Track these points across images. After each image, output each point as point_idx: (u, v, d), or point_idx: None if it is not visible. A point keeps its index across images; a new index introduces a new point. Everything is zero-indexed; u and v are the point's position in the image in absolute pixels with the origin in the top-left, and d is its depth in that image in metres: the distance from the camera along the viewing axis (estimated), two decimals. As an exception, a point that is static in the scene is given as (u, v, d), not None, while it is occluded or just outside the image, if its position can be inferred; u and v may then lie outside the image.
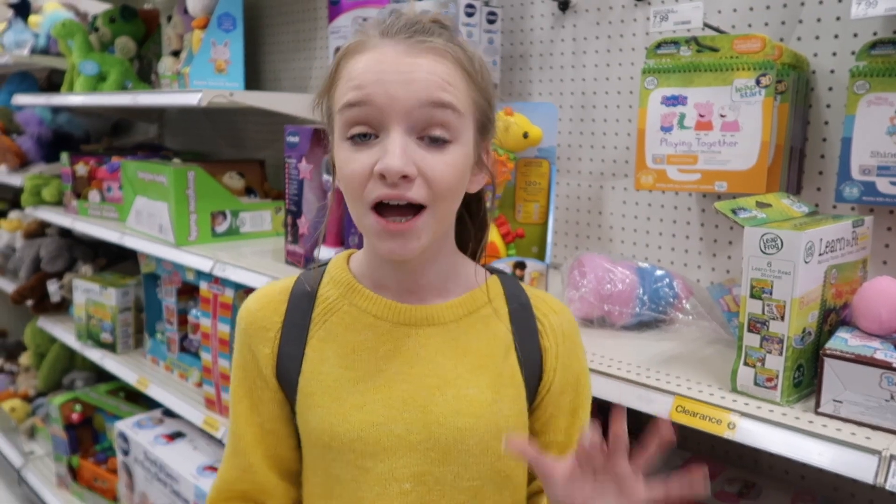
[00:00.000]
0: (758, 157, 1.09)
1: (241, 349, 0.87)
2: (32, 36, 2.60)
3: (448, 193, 0.76)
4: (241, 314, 0.88)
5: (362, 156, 0.74)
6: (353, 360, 0.82)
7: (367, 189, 0.74)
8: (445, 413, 0.79)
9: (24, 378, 3.14)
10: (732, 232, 1.33)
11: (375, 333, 0.82)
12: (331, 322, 0.84)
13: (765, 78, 1.07)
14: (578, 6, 1.51)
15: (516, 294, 0.87)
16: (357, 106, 0.73)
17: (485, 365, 0.82)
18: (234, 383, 0.87)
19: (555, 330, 0.86)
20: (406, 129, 0.73)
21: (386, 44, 0.74)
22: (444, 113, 0.73)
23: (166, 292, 2.05)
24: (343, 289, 0.85)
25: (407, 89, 0.72)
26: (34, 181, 2.56)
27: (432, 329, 0.82)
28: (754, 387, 0.87)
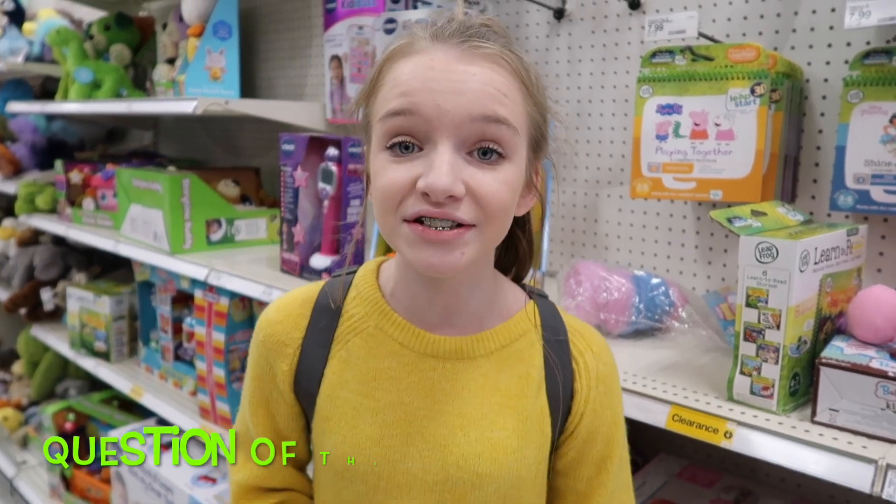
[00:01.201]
0: (752, 165, 1.09)
1: (257, 360, 0.83)
2: (27, 43, 2.60)
3: (499, 214, 0.68)
4: (259, 324, 0.83)
5: (402, 168, 0.66)
6: (374, 388, 0.76)
7: (405, 205, 0.67)
8: (467, 455, 0.74)
9: (16, 387, 3.12)
10: (727, 240, 1.34)
11: (400, 363, 0.76)
12: (354, 343, 0.78)
13: (759, 87, 1.07)
14: (573, 15, 1.51)
15: (554, 326, 0.80)
16: (401, 115, 0.66)
17: (513, 406, 0.76)
18: (249, 392, 0.84)
19: (590, 371, 0.78)
20: (455, 143, 0.66)
21: (436, 48, 0.67)
22: (497, 128, 0.66)
23: (161, 300, 2.05)
24: (370, 307, 0.78)
25: (458, 100, 0.65)
26: (28, 189, 2.55)
27: (461, 364, 0.76)
28: (750, 395, 0.86)
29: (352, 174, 1.46)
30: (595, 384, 0.78)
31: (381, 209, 0.69)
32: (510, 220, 0.72)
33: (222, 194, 2.00)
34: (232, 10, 1.88)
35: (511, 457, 0.74)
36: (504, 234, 0.72)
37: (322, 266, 1.51)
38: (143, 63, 2.51)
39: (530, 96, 0.70)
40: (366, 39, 1.73)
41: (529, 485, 0.77)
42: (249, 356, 0.85)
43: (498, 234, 0.71)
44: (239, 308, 1.73)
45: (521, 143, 0.69)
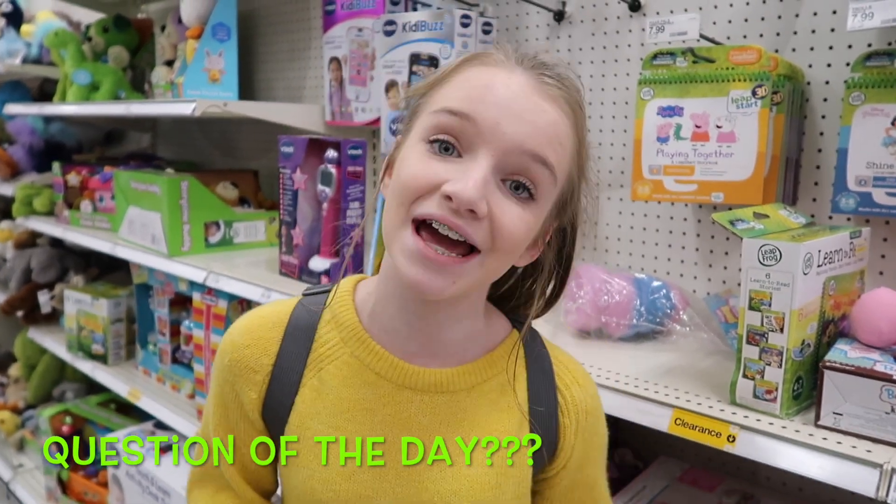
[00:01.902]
0: (754, 167, 1.09)
1: (222, 385, 0.77)
2: (24, 45, 2.59)
3: (509, 248, 0.66)
4: (225, 346, 0.77)
5: (435, 165, 0.64)
6: (347, 419, 0.73)
7: (421, 203, 0.64)
8: (443, 493, 0.71)
9: (13, 390, 3.11)
10: (729, 243, 1.33)
11: (376, 394, 0.73)
12: (327, 371, 0.74)
13: (761, 89, 1.07)
14: (574, 17, 1.51)
15: (539, 358, 0.78)
16: (457, 116, 0.64)
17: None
18: (214, 418, 0.79)
19: (577, 405, 0.77)
20: (496, 163, 0.64)
21: (517, 69, 0.66)
22: (541, 170, 0.65)
23: (159, 303, 2.04)
24: (345, 333, 0.75)
25: (518, 128, 0.64)
26: (25, 191, 2.54)
27: (440, 397, 0.73)
28: (753, 399, 0.86)
29: (351, 176, 1.45)
30: (584, 417, 0.77)
31: (398, 199, 0.66)
32: (513, 261, 0.70)
33: (221, 197, 1.99)
34: (231, 12, 1.88)
35: (489, 493, 0.72)
36: (503, 272, 0.71)
37: (321, 269, 1.50)
38: (142, 65, 2.50)
39: (579, 156, 0.70)
40: (365, 41, 1.73)
41: None
42: (213, 379, 0.79)
43: (498, 270, 0.69)
44: (237, 311, 1.72)
45: (553, 194, 0.68)
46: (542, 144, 0.64)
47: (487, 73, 0.66)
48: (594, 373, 1.01)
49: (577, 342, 1.16)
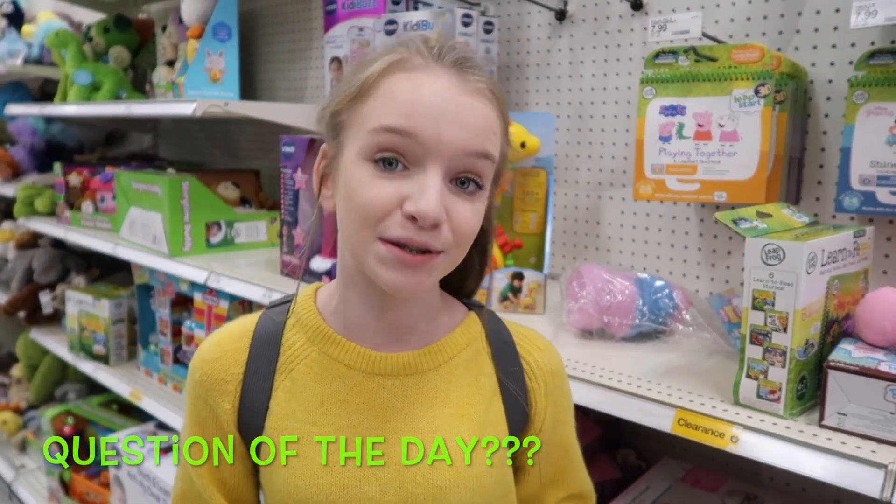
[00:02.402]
0: (757, 166, 1.08)
1: (196, 403, 0.78)
2: (26, 46, 2.59)
3: (468, 241, 0.71)
4: (194, 364, 0.79)
5: (388, 186, 0.66)
6: (322, 413, 0.74)
7: (385, 225, 0.66)
8: (423, 470, 0.73)
9: (15, 390, 3.11)
10: (731, 242, 1.33)
11: (347, 385, 0.75)
12: (297, 371, 0.76)
13: (764, 87, 1.06)
14: (575, 16, 1.50)
15: (498, 331, 0.82)
16: (398, 134, 0.66)
17: (467, 414, 0.76)
18: (190, 440, 0.79)
19: (542, 369, 0.81)
20: (444, 171, 0.67)
21: (436, 68, 0.68)
22: (483, 163, 0.69)
23: (160, 303, 2.03)
24: (311, 333, 0.77)
25: (458, 134, 0.66)
26: (27, 191, 2.54)
27: (409, 379, 0.76)
28: (757, 399, 0.85)
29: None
30: (550, 378, 0.81)
31: (359, 222, 0.68)
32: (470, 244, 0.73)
33: (222, 197, 1.99)
34: (232, 12, 1.88)
35: (469, 464, 0.74)
36: (463, 256, 0.73)
37: (323, 269, 1.50)
38: (143, 65, 2.50)
39: (505, 134, 0.74)
40: (366, 41, 1.72)
41: (492, 491, 0.76)
42: (186, 402, 0.80)
43: (461, 256, 0.73)
44: (239, 311, 1.72)
45: (492, 174, 0.72)
46: (481, 141, 0.68)
47: (412, 82, 0.67)
48: (597, 373, 1.01)
49: (579, 342, 1.16)
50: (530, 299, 1.31)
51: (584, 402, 0.97)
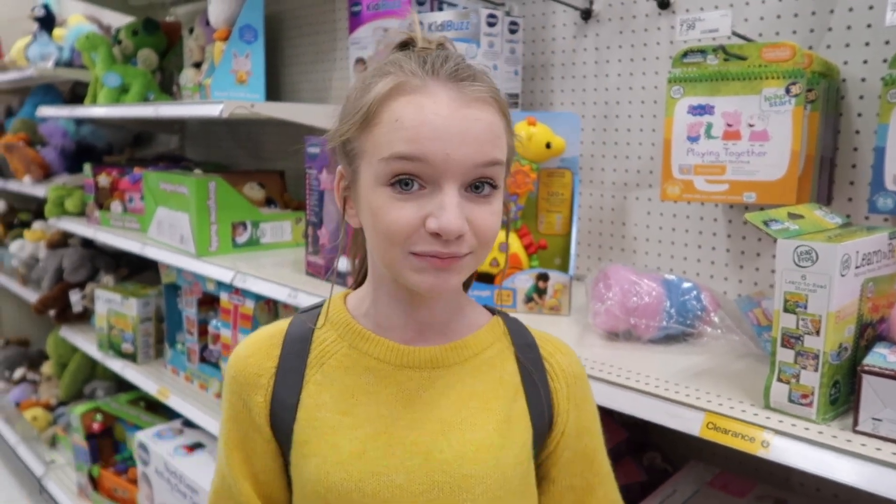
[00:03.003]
0: (788, 167, 1.07)
1: (231, 399, 0.82)
2: (57, 49, 2.64)
3: (492, 240, 0.74)
4: (230, 362, 0.83)
5: (409, 207, 0.70)
6: (352, 404, 0.77)
7: (412, 241, 0.70)
8: (450, 459, 0.75)
9: (45, 387, 3.17)
10: (760, 243, 1.31)
11: (377, 377, 0.78)
12: (328, 365, 0.79)
13: (795, 86, 1.05)
14: (601, 15, 1.49)
15: (521, 334, 0.84)
16: (409, 160, 0.68)
17: (492, 408, 0.78)
18: (226, 435, 0.82)
19: (564, 371, 0.83)
20: (459, 185, 0.70)
21: (433, 86, 0.70)
22: (494, 169, 0.72)
23: (187, 303, 2.06)
24: (342, 330, 0.81)
25: (465, 150, 0.69)
26: (57, 192, 2.59)
27: (437, 372, 0.78)
28: (788, 403, 0.84)
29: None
30: (573, 381, 0.83)
31: (387, 243, 0.71)
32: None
33: (248, 197, 2.01)
34: (258, 14, 1.89)
35: (494, 455, 0.76)
36: (489, 253, 0.76)
37: (347, 269, 1.50)
38: (170, 67, 2.53)
39: (509, 129, 0.76)
40: (391, 42, 1.73)
41: (516, 486, 0.78)
42: (223, 399, 0.84)
43: (486, 256, 0.76)
44: (264, 311, 1.73)
45: (504, 172, 0.75)
46: (488, 152, 0.70)
47: (414, 105, 0.69)
48: (623, 375, 1.00)
49: (606, 344, 1.15)
50: (555, 300, 1.30)
51: (611, 404, 0.96)
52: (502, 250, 1.30)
